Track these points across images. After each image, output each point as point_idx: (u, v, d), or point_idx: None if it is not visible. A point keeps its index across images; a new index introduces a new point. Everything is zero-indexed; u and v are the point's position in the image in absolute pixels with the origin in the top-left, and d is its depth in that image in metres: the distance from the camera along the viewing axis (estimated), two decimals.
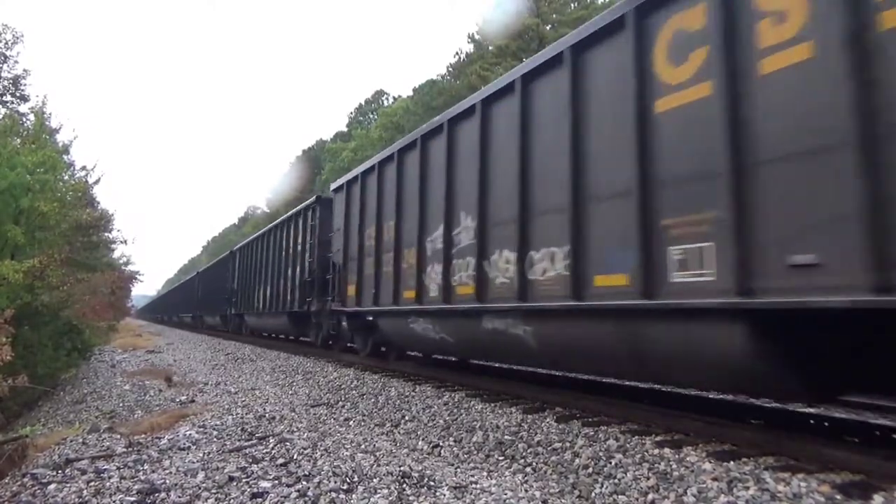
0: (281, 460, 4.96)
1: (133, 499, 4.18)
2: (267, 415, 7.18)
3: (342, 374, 10.27)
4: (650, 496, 3.86)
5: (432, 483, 4.28)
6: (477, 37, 35.10)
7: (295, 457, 5.07)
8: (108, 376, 13.58)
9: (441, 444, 5.70)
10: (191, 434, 6.14)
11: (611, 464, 4.42)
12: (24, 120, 22.47)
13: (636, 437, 4.79)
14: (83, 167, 23.17)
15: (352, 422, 7.02)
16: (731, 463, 4.00)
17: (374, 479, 4.36)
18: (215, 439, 5.91)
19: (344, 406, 7.99)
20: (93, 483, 4.58)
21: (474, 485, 4.27)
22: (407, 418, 6.79)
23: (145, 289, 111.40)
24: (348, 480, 4.36)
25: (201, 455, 5.27)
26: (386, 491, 4.12)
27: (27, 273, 12.45)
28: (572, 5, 32.69)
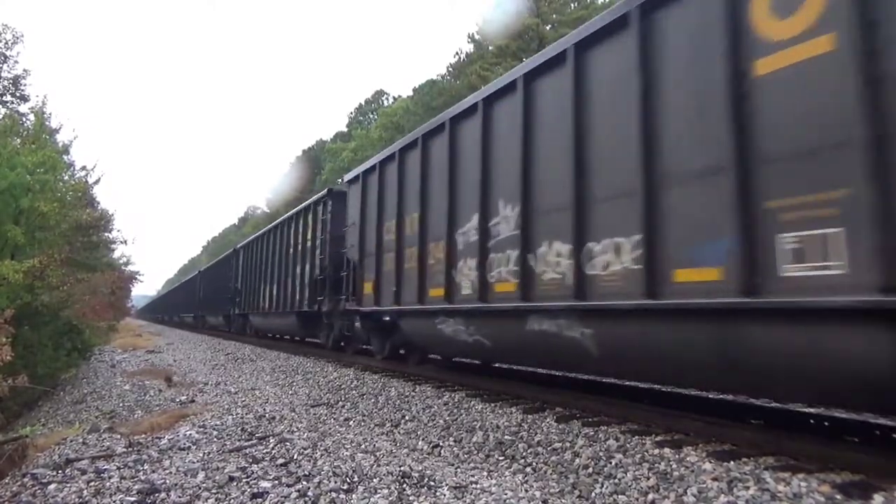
0: (281, 460, 4.96)
1: (133, 499, 4.19)
2: (267, 415, 7.19)
3: (342, 374, 10.27)
4: (650, 496, 3.86)
5: (432, 483, 4.28)
6: (477, 37, 35.15)
7: (295, 457, 5.07)
8: (108, 376, 13.59)
9: (441, 444, 5.71)
10: (191, 434, 6.15)
11: (611, 464, 4.42)
12: (24, 120, 22.51)
13: (636, 437, 4.79)
14: (83, 167, 23.23)
15: (352, 422, 7.02)
16: (732, 463, 4.00)
17: (375, 479, 4.36)
18: (215, 439, 5.91)
19: (344, 406, 7.99)
20: (93, 483, 4.58)
21: (474, 485, 4.27)
22: (407, 418, 6.79)
23: (145, 289, 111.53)
24: (348, 480, 4.36)
25: (201, 455, 5.27)
26: (386, 491, 4.12)
27: (27, 273, 12.47)
28: (572, 5, 32.71)
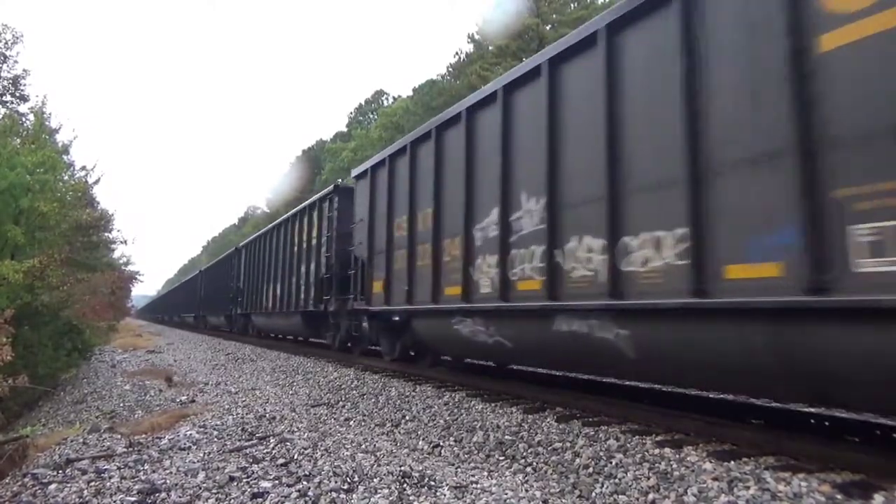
0: (281, 460, 4.97)
1: (133, 499, 4.19)
2: (267, 415, 7.19)
3: (342, 374, 10.28)
4: (651, 496, 3.86)
5: (433, 483, 4.28)
6: (477, 37, 35.16)
7: (295, 457, 5.07)
8: (108, 376, 13.59)
9: (441, 443, 5.71)
10: (191, 434, 6.15)
11: (611, 463, 4.42)
12: (24, 120, 22.52)
13: (636, 436, 4.79)
14: (83, 167, 23.30)
15: (352, 422, 7.02)
16: (732, 463, 4.00)
17: (375, 479, 4.36)
18: (216, 439, 5.91)
19: (344, 406, 7.99)
20: (93, 483, 4.58)
21: (475, 485, 4.27)
22: (407, 418, 6.79)
23: (145, 289, 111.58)
24: (349, 480, 4.36)
25: (202, 455, 5.28)
26: (386, 491, 4.12)
27: (27, 273, 12.48)
28: (572, 5, 32.71)
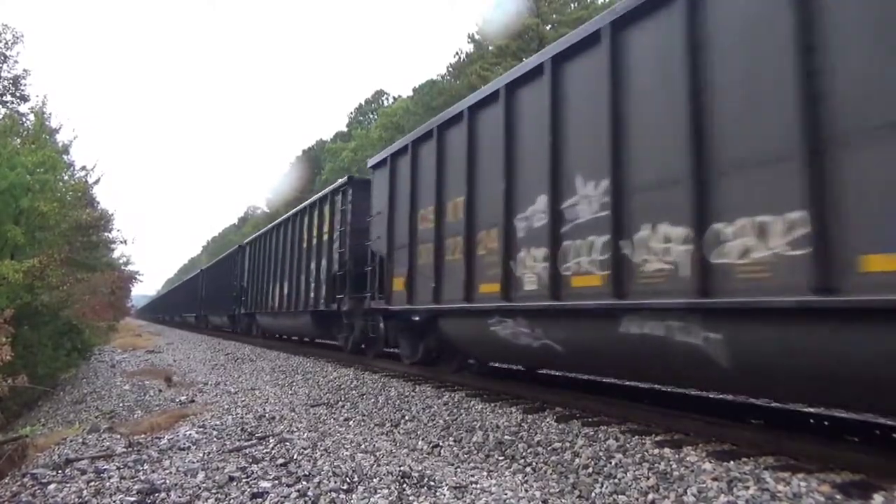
0: (281, 460, 4.96)
1: (133, 499, 4.18)
2: (267, 415, 7.19)
3: (342, 374, 10.28)
4: (650, 496, 3.86)
5: (432, 483, 4.28)
6: (477, 37, 35.14)
7: (295, 457, 5.07)
8: (107, 376, 13.59)
9: (441, 443, 5.70)
10: (191, 434, 6.15)
11: (611, 464, 4.42)
12: (24, 120, 22.54)
13: (636, 436, 4.80)
14: (83, 167, 23.33)
15: (352, 422, 7.02)
16: (731, 463, 4.00)
17: (374, 479, 4.36)
18: (215, 439, 5.91)
19: (344, 406, 7.99)
20: (93, 483, 4.58)
21: (474, 485, 4.27)
22: (407, 418, 6.79)
23: (145, 289, 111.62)
24: (348, 480, 4.36)
25: (201, 455, 5.27)
26: (386, 491, 4.12)
27: (27, 273, 12.48)
28: (572, 5, 32.71)
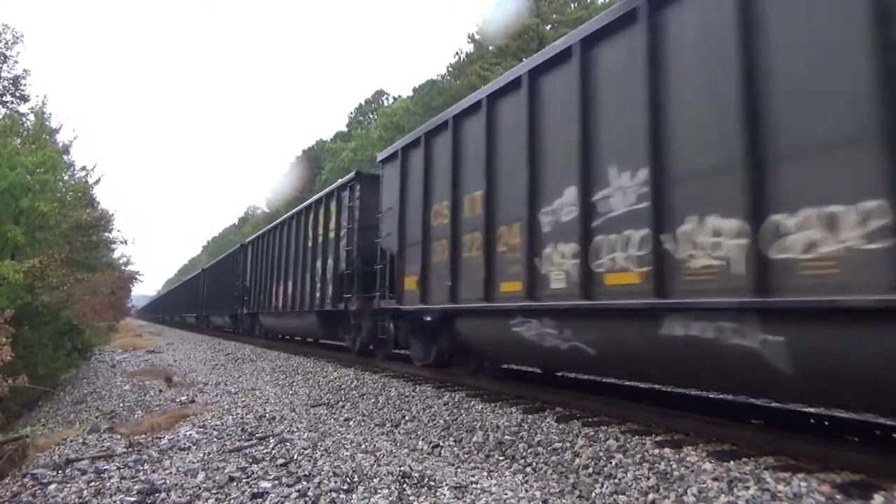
0: (281, 460, 4.97)
1: (133, 499, 4.19)
2: (267, 415, 7.19)
3: (342, 374, 10.28)
4: (650, 496, 3.86)
5: (432, 483, 4.28)
6: (477, 37, 35.15)
7: (295, 457, 5.07)
8: (108, 376, 13.60)
9: (441, 444, 5.71)
10: (191, 434, 6.15)
11: (611, 464, 4.42)
12: (24, 120, 22.57)
13: (636, 436, 4.79)
14: (83, 167, 23.34)
15: (352, 422, 7.02)
16: (732, 463, 4.00)
17: (375, 479, 4.36)
18: (215, 439, 5.91)
19: (344, 406, 7.99)
20: (93, 483, 4.58)
21: (474, 485, 4.27)
22: (407, 418, 6.79)
23: (145, 289, 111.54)
24: (348, 480, 4.36)
25: (201, 455, 5.28)
26: (386, 491, 4.12)
27: (27, 273, 12.49)
28: (572, 5, 32.72)
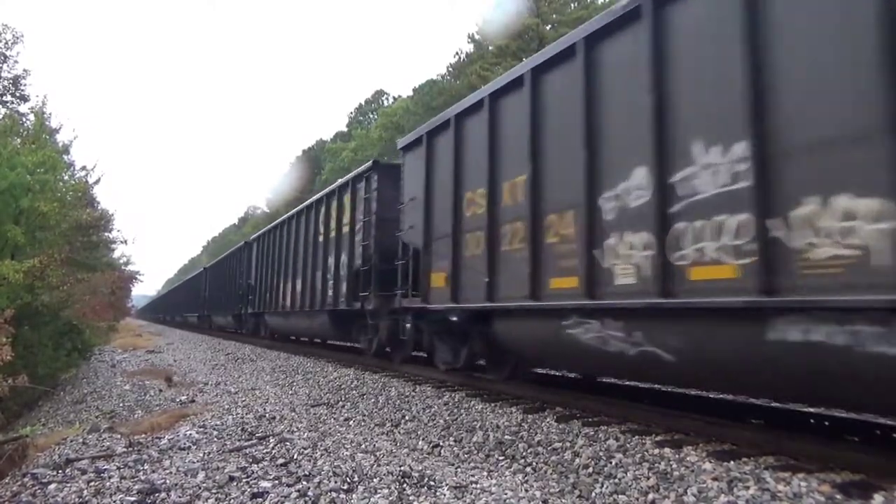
0: (281, 460, 4.97)
1: (133, 499, 4.19)
2: (267, 415, 7.19)
3: (342, 374, 10.28)
4: (650, 496, 3.86)
5: (432, 483, 4.28)
6: (477, 37, 35.16)
7: (295, 457, 5.07)
8: (108, 376, 13.60)
9: (441, 443, 5.71)
10: (191, 434, 6.15)
11: (611, 463, 4.42)
12: (24, 120, 22.56)
13: (636, 436, 4.79)
14: (83, 167, 23.30)
15: (352, 422, 7.02)
16: (732, 463, 4.00)
17: (375, 479, 4.36)
18: (215, 439, 5.91)
19: (344, 406, 7.99)
20: (93, 483, 4.58)
21: (474, 484, 4.27)
22: (407, 418, 6.79)
23: (145, 289, 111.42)
24: (348, 480, 4.36)
25: (201, 455, 5.28)
26: (386, 491, 4.12)
27: (27, 273, 12.49)
28: (572, 5, 32.72)
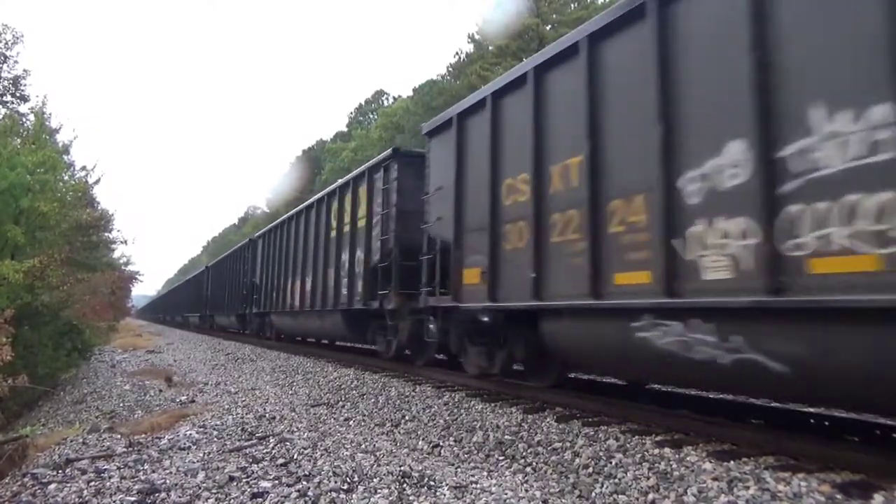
0: (281, 460, 4.97)
1: (133, 499, 4.19)
2: (267, 415, 7.19)
3: (342, 374, 10.27)
4: (650, 496, 3.86)
5: (432, 483, 4.28)
6: (477, 37, 35.15)
7: (295, 457, 5.07)
8: (108, 376, 13.60)
9: (441, 443, 5.71)
10: (191, 434, 6.15)
11: (611, 463, 4.42)
12: (24, 120, 22.55)
13: (636, 436, 4.79)
14: (83, 167, 23.28)
15: (352, 422, 7.02)
16: (732, 462, 4.00)
17: (375, 479, 4.36)
18: (215, 439, 5.91)
19: (344, 406, 7.99)
20: (93, 483, 4.58)
21: (474, 484, 4.27)
22: (407, 418, 6.79)
23: (145, 289, 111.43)
24: (348, 480, 4.36)
25: (201, 455, 5.28)
26: (386, 491, 4.12)
27: (27, 273, 12.49)
28: (572, 5, 32.71)
